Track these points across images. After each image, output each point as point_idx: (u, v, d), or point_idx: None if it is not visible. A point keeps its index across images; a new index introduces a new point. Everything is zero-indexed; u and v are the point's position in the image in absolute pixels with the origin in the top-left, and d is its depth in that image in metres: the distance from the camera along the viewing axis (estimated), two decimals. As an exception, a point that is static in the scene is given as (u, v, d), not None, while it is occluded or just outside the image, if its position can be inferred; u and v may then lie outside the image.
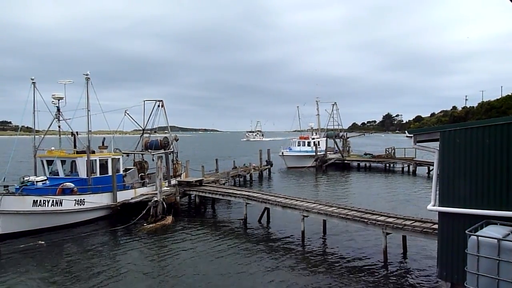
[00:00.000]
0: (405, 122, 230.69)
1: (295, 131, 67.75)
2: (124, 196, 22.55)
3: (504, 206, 8.95)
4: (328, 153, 53.95)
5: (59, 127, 22.65)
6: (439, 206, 10.13)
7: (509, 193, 8.94)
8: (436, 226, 11.90)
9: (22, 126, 23.10)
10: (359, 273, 13.68)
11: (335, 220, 16.98)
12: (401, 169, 47.86)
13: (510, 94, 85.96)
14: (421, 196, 29.53)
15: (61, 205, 19.29)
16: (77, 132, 23.42)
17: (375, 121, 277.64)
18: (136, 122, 29.80)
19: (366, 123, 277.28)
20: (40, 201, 18.48)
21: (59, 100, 22.15)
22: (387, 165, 50.01)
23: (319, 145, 53.64)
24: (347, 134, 64.21)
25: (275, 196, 21.28)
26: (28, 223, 18.23)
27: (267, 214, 21.18)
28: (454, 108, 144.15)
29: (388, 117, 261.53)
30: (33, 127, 22.63)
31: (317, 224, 18.81)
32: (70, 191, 20.37)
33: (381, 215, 16.02)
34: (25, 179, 20.20)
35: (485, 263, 7.51)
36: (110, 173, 22.42)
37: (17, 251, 16.16)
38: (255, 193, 22.65)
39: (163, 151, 27.69)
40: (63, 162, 21.91)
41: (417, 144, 11.02)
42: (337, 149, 55.19)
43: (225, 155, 63.70)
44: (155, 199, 21.42)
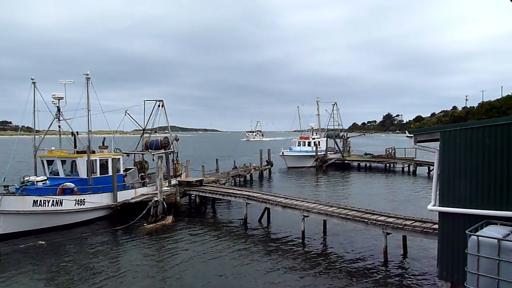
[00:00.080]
0: (405, 122, 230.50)
1: (295, 131, 67.79)
2: (124, 196, 22.57)
3: (504, 206, 8.95)
4: (328, 153, 53.98)
5: (59, 127, 22.66)
6: (439, 206, 10.13)
7: (509, 193, 8.94)
8: (436, 226, 11.90)
9: (22, 126, 23.10)
10: (359, 273, 13.69)
11: (336, 220, 16.99)
12: (401, 169, 47.88)
13: (510, 94, 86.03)
14: (421, 196, 29.54)
15: (61, 205, 19.30)
16: (77, 132, 23.42)
17: (375, 121, 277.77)
18: (136, 122, 29.86)
19: (366, 123, 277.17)
20: (40, 201, 18.48)
21: (59, 100, 22.17)
22: (387, 165, 50.01)
23: (319, 145, 53.67)
24: (347, 134, 64.24)
25: (275, 196, 21.28)
26: (28, 223, 18.23)
27: (267, 214, 21.19)
28: (454, 108, 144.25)
29: (388, 117, 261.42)
30: (33, 127, 22.65)
31: (317, 224, 18.82)
32: (70, 191, 20.38)
33: (381, 215, 16.02)
34: (25, 179, 20.21)
35: (485, 263, 7.51)
36: (110, 173, 22.42)
37: (17, 251, 16.18)
38: (255, 193, 22.65)
39: (163, 151, 27.71)
40: (63, 162, 21.92)
41: (417, 144, 11.02)
42: (337, 149, 55.20)
43: (225, 155, 63.71)
44: (155, 199, 21.44)
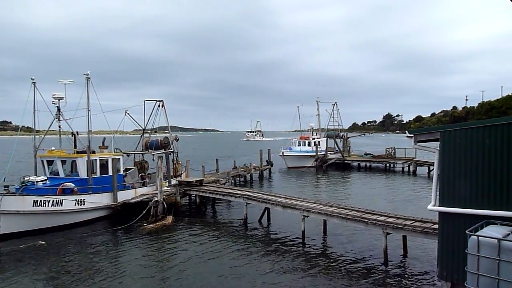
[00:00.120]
0: (405, 122, 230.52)
1: (295, 131, 67.81)
2: (124, 196, 22.57)
3: (504, 206, 8.95)
4: (328, 153, 54.00)
5: (59, 127, 22.66)
6: (439, 206, 10.13)
7: (509, 193, 8.93)
8: (436, 226, 11.90)
9: (22, 126, 23.09)
10: (360, 273, 13.69)
11: (336, 220, 16.99)
12: (401, 169, 47.88)
13: (510, 94, 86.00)
14: (421, 196, 29.54)
15: (62, 205, 19.30)
16: (78, 132, 23.42)
17: (375, 121, 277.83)
18: (136, 122, 29.87)
19: (366, 123, 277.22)
20: (40, 201, 18.49)
21: (59, 100, 22.18)
22: (388, 165, 50.01)
23: (319, 145, 53.68)
24: (347, 134, 64.28)
25: (275, 196, 21.28)
26: (28, 223, 18.23)
27: (267, 214, 21.18)
28: (454, 108, 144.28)
29: (388, 117, 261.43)
30: (33, 127, 22.66)
31: (317, 224, 18.83)
32: (70, 191, 20.38)
33: (382, 215, 16.02)
34: (26, 179, 20.21)
35: (485, 263, 7.50)
36: (110, 173, 22.42)
37: (18, 251, 16.17)
38: (255, 193, 22.65)
39: (163, 151, 27.72)
40: (63, 162, 21.92)
41: (417, 144, 11.01)
42: (337, 149, 55.20)
43: (225, 155, 63.71)
44: (156, 199, 21.45)
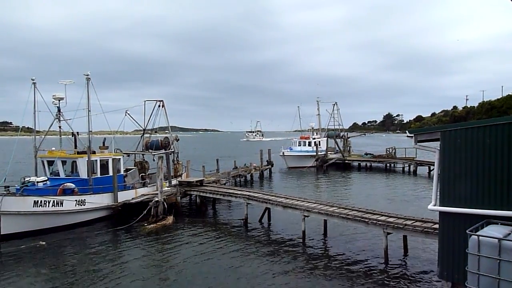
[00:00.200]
0: (405, 122, 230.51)
1: (295, 131, 67.85)
2: (125, 196, 22.55)
3: (504, 205, 8.95)
4: (328, 153, 54.00)
5: (59, 127, 22.67)
6: (439, 206, 10.13)
7: (510, 193, 8.93)
8: (436, 226, 11.89)
9: (22, 126, 23.10)
10: (360, 273, 13.69)
11: (336, 220, 16.99)
12: (401, 169, 47.86)
13: (510, 94, 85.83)
14: (421, 196, 29.53)
15: (62, 206, 19.31)
16: (78, 132, 23.43)
17: (375, 121, 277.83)
18: (136, 122, 29.88)
19: (366, 123, 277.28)
20: (41, 201, 18.49)
21: (59, 100, 22.19)
22: (388, 165, 50.00)
23: (319, 145, 53.68)
24: (347, 134, 64.34)
25: (276, 196, 21.28)
26: (29, 223, 18.24)
27: (268, 214, 21.19)
28: (454, 108, 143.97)
29: (388, 117, 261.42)
30: (33, 128, 22.68)
31: (318, 224, 18.83)
32: (71, 192, 20.39)
33: (382, 215, 16.02)
34: (26, 179, 20.22)
35: (485, 263, 7.50)
36: (111, 174, 22.41)
37: (18, 251, 16.18)
38: (256, 193, 22.64)
39: (163, 151, 27.73)
40: (63, 162, 21.93)
41: (417, 144, 11.01)
42: (337, 149, 55.20)
43: (225, 155, 63.72)
44: (156, 199, 21.46)
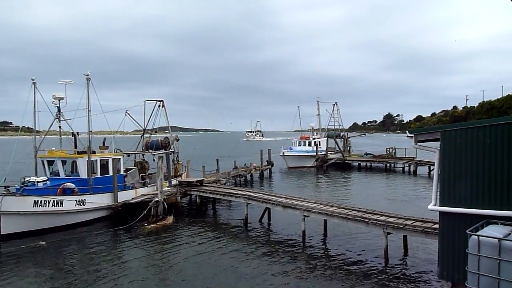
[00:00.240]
0: (405, 122, 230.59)
1: (295, 131, 67.85)
2: (125, 196, 22.55)
3: (505, 205, 8.95)
4: (329, 153, 54.00)
5: (59, 127, 22.67)
6: (439, 206, 10.13)
7: (510, 193, 8.93)
8: (436, 226, 11.89)
9: (22, 126, 23.10)
10: (360, 272, 13.69)
11: (336, 220, 16.98)
12: (401, 169, 47.87)
13: (510, 94, 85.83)
14: (421, 196, 29.53)
15: (62, 206, 19.30)
16: (78, 132, 23.43)
17: (376, 121, 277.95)
18: (136, 122, 29.88)
19: (367, 123, 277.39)
20: (41, 201, 18.48)
21: (59, 100, 22.19)
22: (388, 165, 50.01)
23: (319, 145, 53.69)
24: (347, 134, 64.36)
25: (276, 196, 21.28)
26: (29, 223, 18.24)
27: (268, 214, 21.18)
28: (454, 108, 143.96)
29: (388, 117, 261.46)
30: (33, 128, 22.68)
31: (318, 224, 18.82)
32: (71, 192, 20.38)
33: (382, 215, 16.01)
34: (26, 179, 20.22)
35: (485, 263, 7.50)
36: (110, 174, 22.40)
37: (18, 251, 16.18)
38: (256, 193, 22.64)
39: (163, 151, 27.73)
40: (63, 162, 21.92)
41: (417, 144, 11.01)
42: (337, 149, 55.21)
43: (225, 155, 63.73)
44: (156, 199, 21.46)
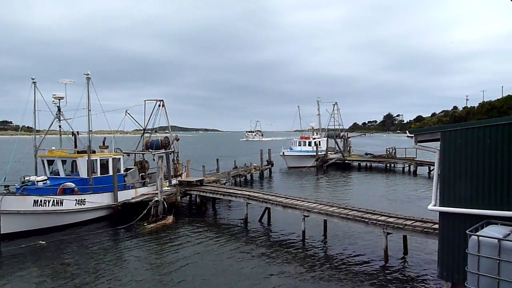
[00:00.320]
0: (406, 122, 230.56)
1: (295, 131, 67.77)
2: (124, 196, 22.56)
3: (504, 206, 8.95)
4: (329, 153, 54.01)
5: (59, 127, 22.69)
6: (439, 206, 10.13)
7: (510, 193, 8.93)
8: (436, 226, 11.89)
9: (22, 126, 23.07)
10: (360, 272, 13.69)
11: (336, 220, 16.98)
12: (401, 169, 47.86)
13: (511, 94, 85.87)
14: (421, 196, 29.51)
15: (62, 205, 19.30)
16: (78, 132, 23.43)
17: (376, 121, 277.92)
18: (136, 122, 29.88)
19: (367, 123, 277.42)
20: (40, 201, 18.48)
21: (59, 99, 22.20)
22: (388, 165, 49.99)
23: (320, 145, 53.70)
24: (348, 134, 64.37)
25: (275, 196, 21.27)
26: (29, 223, 18.23)
27: (267, 214, 21.18)
28: (455, 108, 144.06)
29: (389, 117, 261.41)
30: (33, 127, 22.68)
31: (318, 224, 18.81)
32: (70, 191, 20.38)
33: (382, 215, 16.01)
34: (26, 179, 20.22)
35: (485, 263, 7.50)
36: (110, 173, 22.41)
37: (18, 251, 16.17)
38: (255, 193, 22.64)
39: (163, 150, 27.74)
40: (63, 162, 21.91)
41: (418, 144, 11.02)
42: (338, 149, 55.21)
43: (225, 155, 63.72)
44: (156, 199, 21.45)
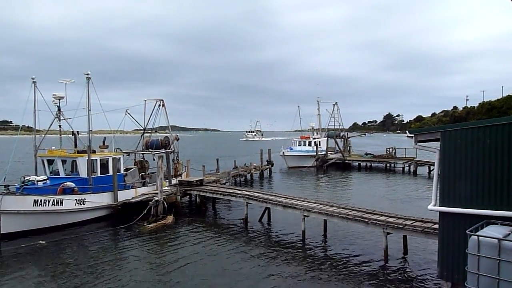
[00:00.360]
0: (406, 122, 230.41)
1: (295, 130, 67.78)
2: (124, 195, 22.56)
3: (504, 206, 8.95)
4: (329, 153, 54.02)
5: (60, 126, 22.70)
6: (439, 206, 10.14)
7: (510, 193, 8.94)
8: (436, 226, 11.89)
9: (23, 125, 23.04)
10: (360, 272, 13.69)
11: (336, 220, 16.98)
12: (401, 169, 47.84)
13: (511, 94, 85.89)
14: (421, 196, 29.51)
15: (62, 205, 19.30)
16: (78, 131, 23.44)
17: (376, 121, 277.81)
18: (137, 121, 29.86)
19: (367, 123, 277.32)
20: (40, 200, 18.48)
21: (59, 99, 22.21)
22: (388, 165, 49.97)
23: (320, 145, 53.72)
24: (348, 134, 64.34)
25: (275, 195, 21.27)
26: (29, 222, 18.23)
27: (267, 213, 21.18)
28: (455, 108, 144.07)
29: (389, 117, 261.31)
30: (34, 127, 22.69)
31: (318, 224, 18.81)
32: (70, 191, 20.39)
33: (382, 215, 16.01)
34: (26, 178, 20.23)
35: (485, 263, 7.51)
36: (110, 173, 22.41)
37: (18, 251, 16.17)
38: (255, 192, 22.64)
39: (163, 150, 27.73)
40: (63, 161, 21.92)
41: (418, 144, 11.03)
42: (338, 149, 55.21)
43: (225, 155, 63.71)
44: (156, 198, 21.45)
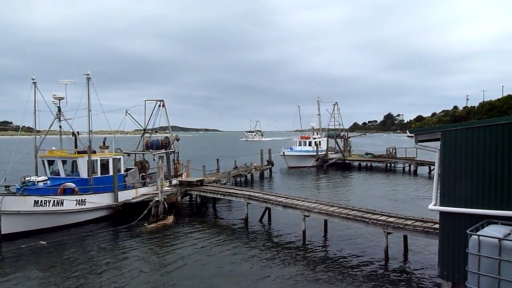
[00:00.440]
0: (406, 122, 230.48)
1: (296, 130, 67.78)
2: (125, 196, 22.56)
3: (505, 205, 8.95)
4: (329, 153, 54.03)
5: (60, 127, 22.70)
6: (440, 205, 10.14)
7: (510, 193, 8.93)
8: (437, 225, 11.89)
9: (23, 126, 23.09)
10: (360, 272, 13.68)
11: (336, 220, 16.98)
12: (402, 169, 47.85)
13: (511, 94, 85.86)
14: (422, 195, 29.50)
15: (62, 205, 19.31)
16: (78, 132, 23.44)
17: (376, 121, 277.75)
18: (137, 122, 29.89)
19: (367, 123, 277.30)
20: (41, 201, 18.48)
21: (60, 100, 22.22)
22: (388, 165, 49.96)
23: (320, 145, 53.72)
24: (348, 134, 64.34)
25: (276, 195, 21.27)
26: (29, 223, 18.24)
27: (268, 214, 21.19)
28: (455, 108, 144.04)
29: (389, 117, 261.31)
30: (34, 127, 22.69)
31: (318, 224, 18.82)
32: (71, 191, 20.39)
33: (382, 215, 16.00)
34: (26, 179, 20.23)
35: (486, 263, 7.50)
36: (111, 173, 22.40)
37: (18, 251, 16.18)
38: (256, 193, 22.64)
39: (164, 151, 27.74)
40: (64, 162, 21.92)
41: (418, 143, 11.04)
42: (338, 149, 55.21)
43: (226, 155, 63.71)
44: (156, 199, 21.46)
